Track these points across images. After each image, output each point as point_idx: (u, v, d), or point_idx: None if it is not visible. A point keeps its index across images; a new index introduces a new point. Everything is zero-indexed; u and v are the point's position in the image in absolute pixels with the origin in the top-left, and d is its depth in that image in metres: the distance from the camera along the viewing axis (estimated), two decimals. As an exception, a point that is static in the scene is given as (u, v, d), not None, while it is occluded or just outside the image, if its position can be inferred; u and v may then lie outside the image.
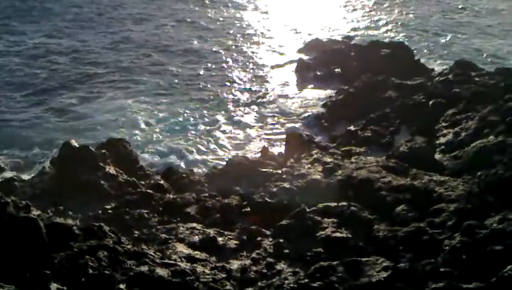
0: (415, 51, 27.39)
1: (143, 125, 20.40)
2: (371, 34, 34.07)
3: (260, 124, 20.84)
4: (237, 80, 26.11)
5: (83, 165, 12.75)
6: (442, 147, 14.23)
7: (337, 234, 9.50)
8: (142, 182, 13.45)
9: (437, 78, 20.07)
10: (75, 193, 12.12)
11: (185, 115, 21.53)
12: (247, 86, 25.39)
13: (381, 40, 29.53)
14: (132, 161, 14.57)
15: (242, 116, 21.68)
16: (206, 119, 21.21)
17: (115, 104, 22.51)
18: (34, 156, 17.64)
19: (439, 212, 9.69)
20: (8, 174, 15.35)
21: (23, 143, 18.52)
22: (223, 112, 22.00)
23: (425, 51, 29.74)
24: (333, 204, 10.52)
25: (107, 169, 12.97)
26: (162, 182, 13.47)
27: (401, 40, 30.73)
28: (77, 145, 13.36)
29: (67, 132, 19.32)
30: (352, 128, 18.24)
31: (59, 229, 8.61)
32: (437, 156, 13.56)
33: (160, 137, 19.58)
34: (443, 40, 32.08)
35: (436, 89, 18.82)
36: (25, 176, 14.70)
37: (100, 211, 11.30)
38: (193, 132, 20.03)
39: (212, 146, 18.93)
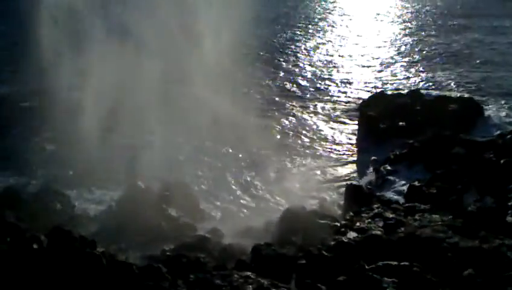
0: (485, 107, 26.42)
1: (204, 170, 20.78)
2: (437, 89, 33.35)
3: (319, 175, 20.69)
4: (299, 130, 26.30)
5: (146, 206, 13.24)
6: (515, 209, 13.34)
7: (398, 295, 9.04)
8: (201, 226, 13.70)
9: (508, 136, 19.16)
10: (137, 232, 12.54)
11: (245, 161, 21.78)
12: (309, 136, 25.49)
13: (449, 95, 28.80)
14: (193, 205, 14.95)
15: (301, 167, 21.67)
16: (264, 168, 21.32)
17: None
18: (102, 194, 18.45)
19: (512, 280, 8.99)
20: (78, 211, 16.17)
21: (92, 182, 19.43)
22: (281, 163, 22.03)
23: (496, 108, 28.52)
24: (394, 263, 10.07)
25: (168, 211, 13.38)
26: (220, 227, 13.64)
27: (469, 95, 29.76)
28: (143, 186, 13.96)
29: (131, 172, 20.06)
30: (416, 183, 17.61)
31: (120, 267, 8.92)
32: (509, 218, 12.71)
33: (219, 183, 19.83)
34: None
35: (508, 147, 17.92)
36: (92, 213, 15.46)
37: (159, 253, 11.56)
38: (252, 181, 20.18)
39: (270, 195, 18.94)
